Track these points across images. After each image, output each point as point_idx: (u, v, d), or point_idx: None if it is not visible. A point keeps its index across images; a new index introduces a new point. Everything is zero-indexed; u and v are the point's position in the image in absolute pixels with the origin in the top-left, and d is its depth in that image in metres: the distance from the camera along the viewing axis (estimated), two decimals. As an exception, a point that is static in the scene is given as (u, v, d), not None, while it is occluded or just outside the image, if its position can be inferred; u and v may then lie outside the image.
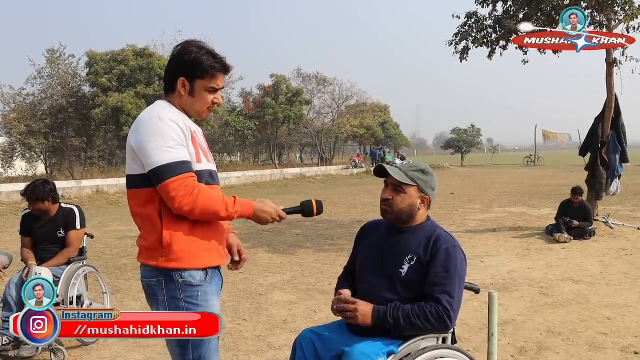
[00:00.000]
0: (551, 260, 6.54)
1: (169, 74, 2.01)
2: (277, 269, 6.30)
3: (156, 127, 1.86)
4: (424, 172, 2.18)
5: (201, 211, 1.87)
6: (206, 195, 1.87)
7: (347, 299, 2.11)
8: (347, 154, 51.66)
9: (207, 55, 1.97)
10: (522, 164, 39.65)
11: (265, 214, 2.02)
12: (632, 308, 4.53)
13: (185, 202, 1.83)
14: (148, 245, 1.93)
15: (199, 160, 1.95)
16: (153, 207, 1.90)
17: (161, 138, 1.85)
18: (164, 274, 1.91)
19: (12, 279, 3.64)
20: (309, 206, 2.12)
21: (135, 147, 1.88)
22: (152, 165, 1.84)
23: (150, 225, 1.92)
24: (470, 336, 3.87)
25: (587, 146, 9.06)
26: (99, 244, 7.81)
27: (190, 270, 1.92)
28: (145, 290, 1.99)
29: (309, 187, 21.60)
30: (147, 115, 1.92)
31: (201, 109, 2.02)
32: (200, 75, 1.96)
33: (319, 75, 36.70)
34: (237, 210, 1.94)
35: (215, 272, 2.01)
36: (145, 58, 21.96)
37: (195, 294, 1.92)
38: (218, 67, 1.99)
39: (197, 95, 1.99)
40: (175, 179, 1.82)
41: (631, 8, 7.89)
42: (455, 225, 9.48)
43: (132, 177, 1.94)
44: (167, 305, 1.91)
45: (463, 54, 9.21)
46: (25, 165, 24.27)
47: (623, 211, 10.58)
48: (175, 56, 2.00)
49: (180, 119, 1.93)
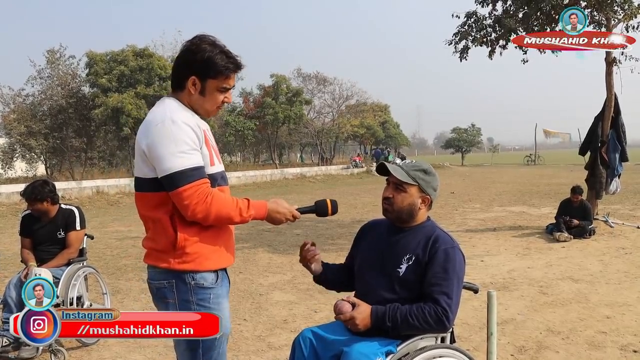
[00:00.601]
0: (551, 259, 6.54)
1: (179, 71, 1.92)
2: (277, 269, 6.31)
3: (169, 131, 1.78)
4: (426, 172, 2.19)
5: (215, 217, 1.83)
6: (220, 201, 1.83)
7: (344, 306, 2.07)
8: (348, 154, 51.65)
9: (220, 54, 1.88)
10: (522, 163, 39.64)
11: (280, 215, 1.99)
12: (631, 307, 4.53)
13: (199, 210, 1.79)
14: (159, 247, 1.89)
15: (212, 163, 1.90)
16: (165, 210, 1.86)
17: (174, 143, 1.78)
18: (175, 276, 1.87)
19: (11, 280, 3.64)
20: (324, 206, 2.09)
21: (147, 151, 1.81)
22: (165, 171, 1.78)
23: (161, 228, 1.87)
24: (470, 335, 3.87)
25: (587, 145, 9.07)
26: (99, 245, 7.82)
27: (203, 273, 1.89)
28: (154, 293, 1.95)
29: (309, 187, 21.60)
30: (159, 117, 1.83)
31: (211, 108, 1.96)
32: (213, 75, 1.89)
33: (319, 74, 36.71)
34: (251, 214, 1.90)
35: (224, 274, 2.00)
36: (145, 58, 21.93)
37: (207, 297, 1.89)
38: (232, 67, 1.91)
39: (208, 94, 1.91)
40: (188, 187, 1.78)
41: (630, 7, 7.90)
42: (456, 225, 9.48)
43: (142, 180, 1.88)
44: (177, 307, 1.88)
45: (463, 54, 9.22)
46: (25, 166, 24.27)
47: (623, 210, 10.58)
48: (186, 53, 1.90)
49: (193, 121, 1.86)
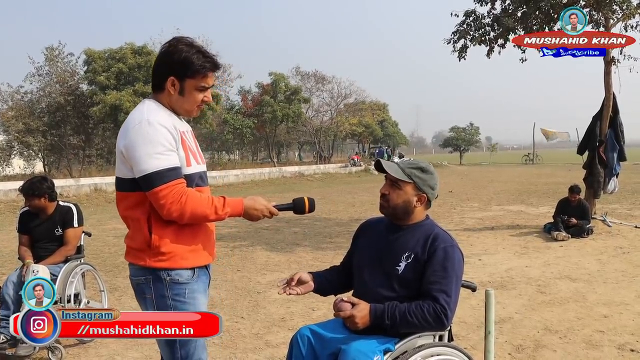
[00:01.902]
0: (549, 258, 6.56)
1: (158, 72, 1.98)
2: (275, 267, 6.30)
3: (146, 132, 1.84)
4: (423, 170, 2.18)
5: (190, 216, 1.88)
6: (194, 200, 1.88)
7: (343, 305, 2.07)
8: (346, 152, 51.68)
9: (197, 54, 1.94)
10: (521, 162, 39.69)
11: (256, 212, 2.03)
12: (629, 306, 4.54)
13: (174, 209, 1.85)
14: (136, 246, 1.96)
15: (188, 164, 1.95)
16: (142, 210, 1.92)
17: (151, 144, 1.83)
18: (151, 273, 1.93)
19: (9, 277, 3.63)
20: (301, 203, 2.12)
21: (125, 152, 1.88)
22: (141, 172, 1.84)
23: (138, 227, 1.94)
24: (467, 334, 3.88)
25: (585, 144, 9.10)
26: (97, 242, 7.80)
27: (178, 270, 1.94)
28: (135, 289, 2.02)
29: (308, 185, 21.60)
30: (137, 118, 1.89)
31: (190, 107, 2.01)
32: (191, 75, 1.94)
33: (318, 73, 36.76)
34: (227, 212, 1.95)
35: (202, 270, 2.03)
36: (144, 56, 21.89)
37: (182, 292, 1.94)
38: (208, 66, 1.96)
39: (186, 94, 1.97)
40: (164, 187, 1.83)
41: (629, 7, 7.91)
42: (454, 224, 9.49)
43: (121, 179, 1.96)
44: (154, 302, 1.94)
45: (461, 53, 9.22)
46: (23, 164, 24.22)
47: (620, 209, 10.61)
48: (164, 54, 1.97)
49: (170, 122, 1.91)
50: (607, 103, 8.52)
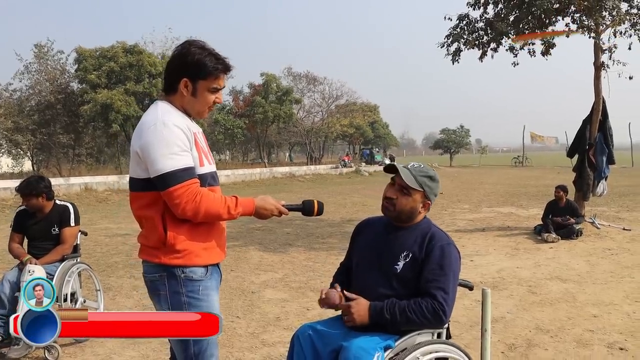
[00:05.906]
0: (539, 260, 6.64)
1: (171, 74, 2.03)
2: (269, 267, 6.33)
3: (161, 133, 1.90)
4: (432, 179, 2.24)
5: (204, 215, 1.93)
6: (208, 199, 1.93)
7: (331, 293, 2.13)
8: (337, 153, 51.76)
9: (209, 56, 1.99)
10: (510, 164, 40.02)
11: (267, 211, 2.08)
12: (617, 306, 4.63)
13: (188, 208, 1.90)
14: (150, 244, 1.99)
15: (201, 164, 2.00)
16: (156, 209, 1.96)
17: (166, 145, 1.89)
18: (166, 270, 1.97)
19: (5, 275, 3.62)
20: (310, 205, 2.17)
21: (140, 152, 1.93)
22: (157, 172, 1.89)
23: (152, 226, 1.97)
24: (461, 333, 3.93)
25: (575, 148, 9.22)
26: (89, 242, 7.76)
27: (192, 267, 1.98)
28: (148, 286, 2.05)
29: (298, 186, 21.60)
30: (152, 120, 1.94)
31: (202, 109, 2.06)
32: (203, 77, 1.99)
33: (309, 74, 36.80)
34: (239, 211, 2.00)
35: (215, 268, 2.09)
36: (135, 55, 21.74)
37: (196, 288, 1.99)
38: (221, 68, 2.02)
39: (199, 95, 2.02)
40: (179, 186, 1.88)
41: (618, 13, 8.04)
42: (445, 225, 9.57)
43: (135, 180, 1.99)
44: (168, 299, 1.97)
45: (455, 56, 9.30)
46: (11, 162, 23.98)
47: (609, 212, 10.76)
48: (177, 57, 2.02)
49: (184, 123, 1.96)
50: (597, 107, 8.64)
